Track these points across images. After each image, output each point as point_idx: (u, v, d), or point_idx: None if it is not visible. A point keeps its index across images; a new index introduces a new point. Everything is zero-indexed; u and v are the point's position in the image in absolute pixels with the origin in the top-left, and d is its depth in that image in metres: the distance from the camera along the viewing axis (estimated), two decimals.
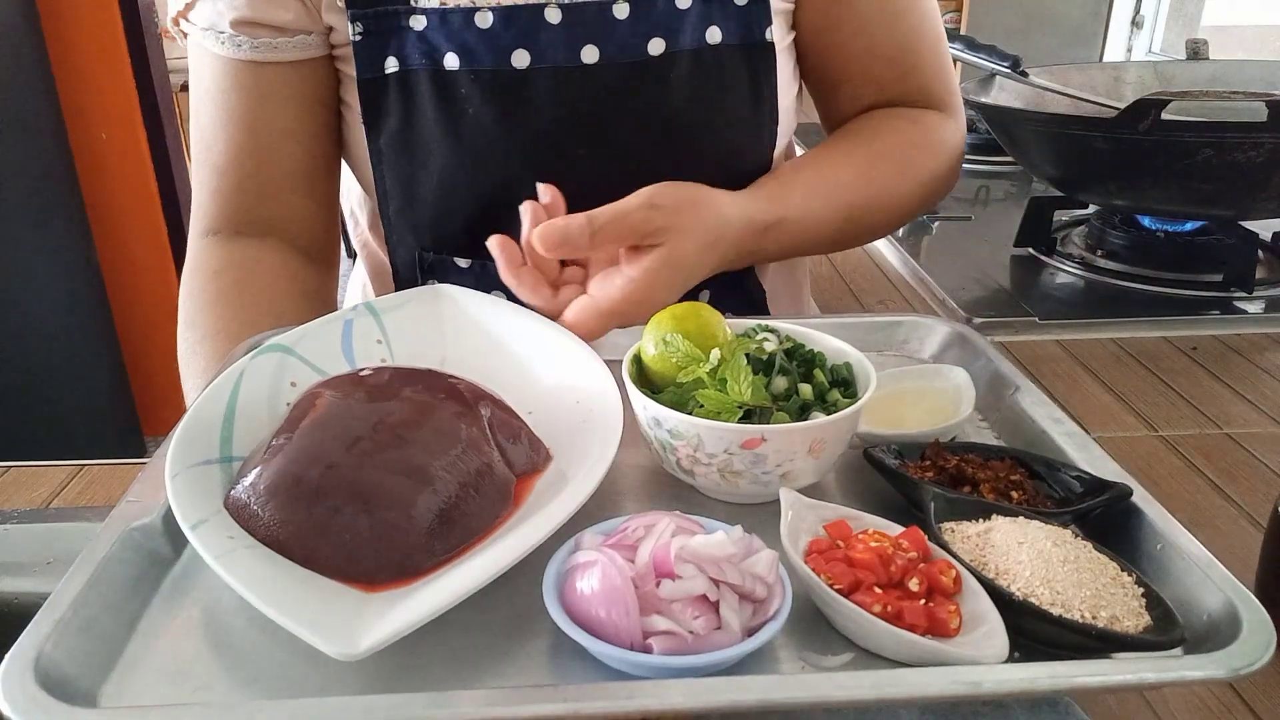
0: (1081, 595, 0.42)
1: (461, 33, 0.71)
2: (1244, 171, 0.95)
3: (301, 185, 0.80)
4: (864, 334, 0.71)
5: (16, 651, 0.39)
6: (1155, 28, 2.67)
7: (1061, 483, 0.53)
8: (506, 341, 0.63)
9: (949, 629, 0.42)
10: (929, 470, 0.53)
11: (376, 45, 0.72)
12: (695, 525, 0.46)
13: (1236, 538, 0.63)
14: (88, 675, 0.41)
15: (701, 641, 0.40)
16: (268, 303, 0.75)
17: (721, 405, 0.52)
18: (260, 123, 0.76)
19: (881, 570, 0.43)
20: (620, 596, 0.41)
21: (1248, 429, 0.78)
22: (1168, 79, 1.31)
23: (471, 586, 0.42)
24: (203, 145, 0.78)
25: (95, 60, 2.07)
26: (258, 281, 0.76)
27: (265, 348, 0.58)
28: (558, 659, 0.43)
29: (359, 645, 0.39)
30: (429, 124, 0.73)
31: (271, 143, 0.77)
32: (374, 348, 0.62)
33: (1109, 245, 1.13)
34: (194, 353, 0.74)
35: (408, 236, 0.78)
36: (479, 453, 0.50)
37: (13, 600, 0.68)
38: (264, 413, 0.55)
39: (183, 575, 0.48)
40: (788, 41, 0.80)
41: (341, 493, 0.46)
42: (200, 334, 0.74)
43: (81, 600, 0.42)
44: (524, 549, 0.44)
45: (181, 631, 0.44)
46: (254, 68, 0.75)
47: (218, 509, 0.47)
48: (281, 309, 0.75)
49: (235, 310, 0.75)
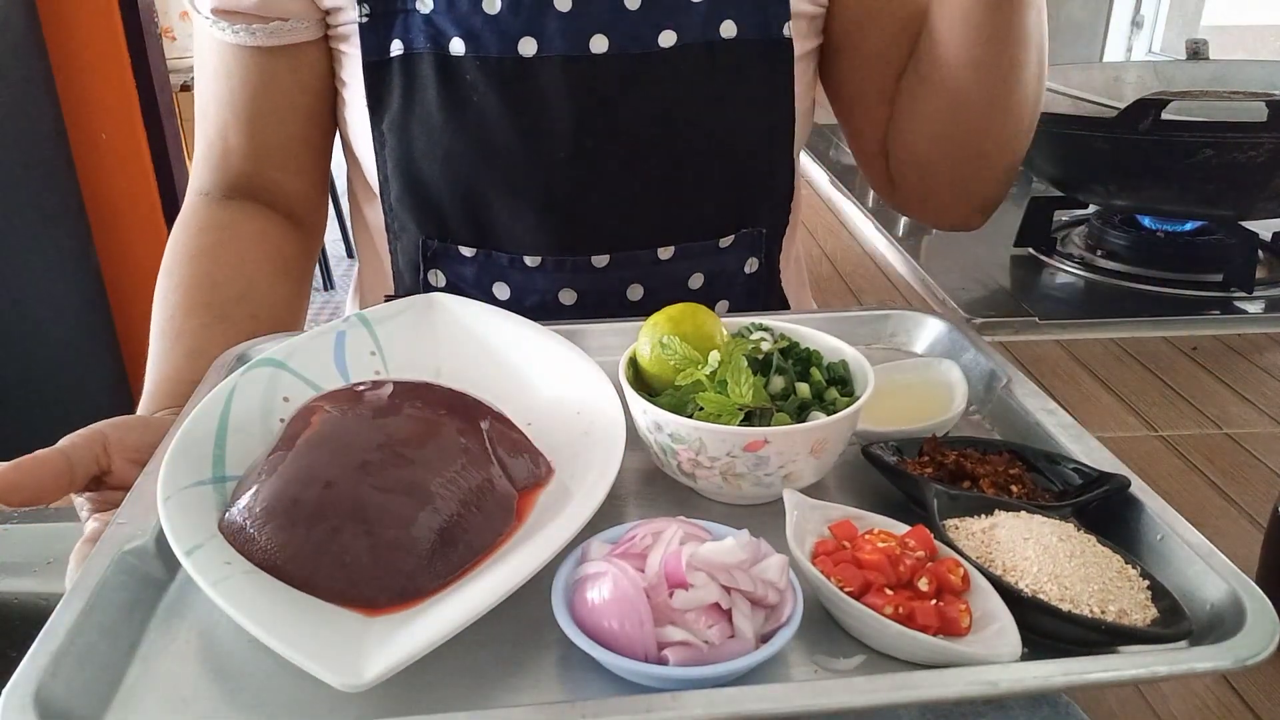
0: (1089, 590, 0.42)
1: (469, 18, 0.70)
2: (1244, 171, 0.95)
3: (290, 163, 0.82)
4: (853, 328, 0.71)
5: (16, 683, 0.38)
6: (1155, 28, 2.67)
7: (1060, 475, 0.53)
8: (503, 351, 0.62)
9: (960, 628, 0.42)
10: (928, 466, 0.53)
11: (382, 28, 0.72)
12: (702, 531, 0.45)
13: (1236, 538, 0.63)
14: (89, 706, 0.40)
15: (716, 651, 0.40)
16: (239, 266, 0.78)
17: (722, 408, 0.51)
18: (247, 104, 0.78)
19: (891, 571, 0.43)
20: (633, 608, 0.40)
21: (1248, 429, 0.78)
22: (1168, 79, 1.31)
23: (477, 611, 0.41)
24: (200, 111, 0.81)
25: (95, 60, 2.06)
26: (235, 245, 0.79)
27: (256, 362, 0.57)
28: (568, 672, 0.42)
29: (364, 675, 0.38)
30: (433, 109, 0.72)
31: (258, 123, 0.79)
32: (367, 360, 0.61)
33: (1109, 245, 1.14)
34: (165, 300, 0.76)
35: (410, 224, 0.78)
36: (480, 468, 0.49)
37: (13, 600, 0.68)
38: (257, 429, 0.54)
39: (179, 598, 0.47)
40: (810, 46, 0.79)
41: (340, 513, 0.45)
42: (173, 283, 0.77)
43: (78, 628, 0.41)
44: (529, 570, 0.43)
45: (181, 657, 0.43)
46: (240, 51, 0.76)
47: (212, 533, 0.46)
48: (251, 274, 0.78)
49: (209, 268, 0.77)
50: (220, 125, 0.79)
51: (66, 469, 0.53)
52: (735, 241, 0.79)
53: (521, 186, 0.74)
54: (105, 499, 0.55)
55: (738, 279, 0.81)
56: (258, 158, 0.80)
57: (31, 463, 0.52)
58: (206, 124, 0.80)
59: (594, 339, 0.67)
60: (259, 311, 0.76)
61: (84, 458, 0.54)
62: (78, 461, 0.54)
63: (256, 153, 0.80)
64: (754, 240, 0.80)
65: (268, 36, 0.75)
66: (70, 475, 0.53)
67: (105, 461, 0.55)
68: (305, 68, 0.77)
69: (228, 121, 0.79)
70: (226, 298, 0.75)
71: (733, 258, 0.80)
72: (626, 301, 0.78)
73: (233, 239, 0.79)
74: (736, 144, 0.75)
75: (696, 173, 0.75)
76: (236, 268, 0.78)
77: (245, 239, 0.80)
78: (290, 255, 0.82)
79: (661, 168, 0.74)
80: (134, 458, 0.56)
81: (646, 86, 0.72)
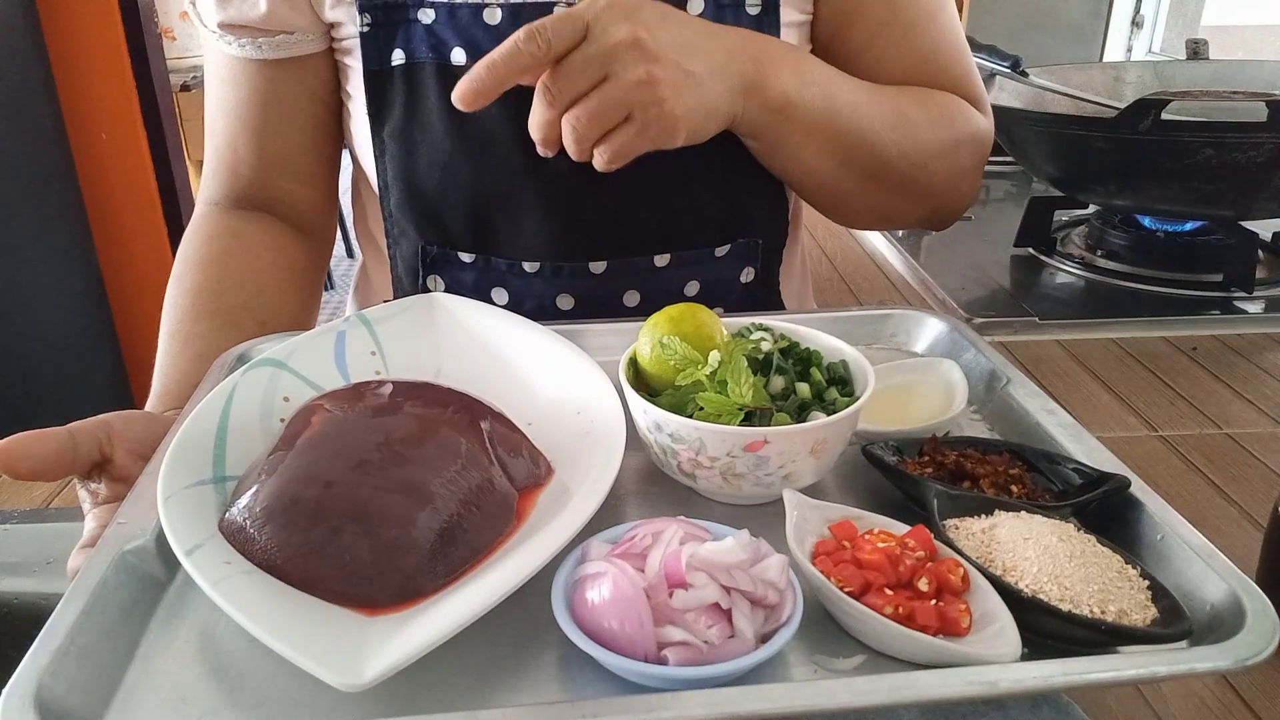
0: (1089, 590, 0.42)
1: (469, 28, 0.71)
2: (1244, 171, 0.95)
3: (299, 172, 0.83)
4: (853, 327, 0.71)
5: (15, 684, 0.38)
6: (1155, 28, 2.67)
7: (1060, 475, 0.53)
8: (503, 351, 0.62)
9: (960, 628, 0.42)
10: (928, 466, 0.53)
11: (383, 37, 0.73)
12: (702, 531, 0.45)
13: (1236, 538, 0.63)
14: (88, 706, 0.40)
15: (716, 651, 0.40)
16: (249, 273, 0.79)
17: (722, 408, 0.51)
18: (254, 115, 0.79)
19: (891, 571, 0.43)
20: (633, 608, 0.40)
21: (1248, 429, 0.78)
22: (1168, 79, 1.31)
23: (476, 611, 0.41)
24: (209, 123, 0.82)
25: (95, 60, 2.06)
26: (245, 253, 0.80)
27: (256, 362, 0.57)
28: (568, 671, 0.42)
29: (364, 675, 0.38)
30: (433, 117, 0.73)
31: (266, 133, 0.80)
32: (368, 360, 0.61)
33: (1109, 245, 1.14)
34: (175, 304, 0.77)
35: (410, 230, 0.78)
36: (480, 468, 0.49)
37: (13, 600, 0.68)
38: (257, 429, 0.54)
39: (179, 598, 0.47)
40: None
41: (340, 513, 0.45)
42: (183, 289, 0.77)
43: (78, 628, 0.41)
44: (528, 570, 0.43)
45: (181, 656, 0.43)
46: (246, 64, 0.77)
47: (212, 533, 0.46)
48: (261, 283, 0.79)
49: (218, 275, 0.78)
50: (229, 136, 0.80)
51: (70, 447, 0.53)
52: (731, 251, 0.79)
53: (520, 193, 0.74)
54: (106, 493, 0.56)
55: (733, 288, 0.81)
56: (266, 167, 0.81)
57: (36, 436, 0.53)
58: (215, 135, 0.81)
59: (594, 339, 0.67)
60: (268, 318, 0.76)
61: (88, 440, 0.55)
62: (81, 442, 0.54)
63: (265, 162, 0.81)
64: (749, 250, 0.80)
65: (273, 49, 0.75)
66: (74, 454, 0.54)
67: (109, 449, 0.55)
68: (311, 79, 0.78)
69: (236, 132, 0.80)
70: (236, 304, 0.76)
71: (728, 266, 0.80)
72: (623, 307, 0.79)
73: (243, 248, 0.80)
74: (732, 154, 0.75)
75: (692, 182, 0.75)
76: (246, 275, 0.78)
77: (256, 248, 0.80)
78: (300, 265, 0.83)
79: (657, 177, 0.74)
80: (137, 450, 0.56)
81: None
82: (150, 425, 0.59)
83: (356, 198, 0.90)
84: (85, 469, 0.55)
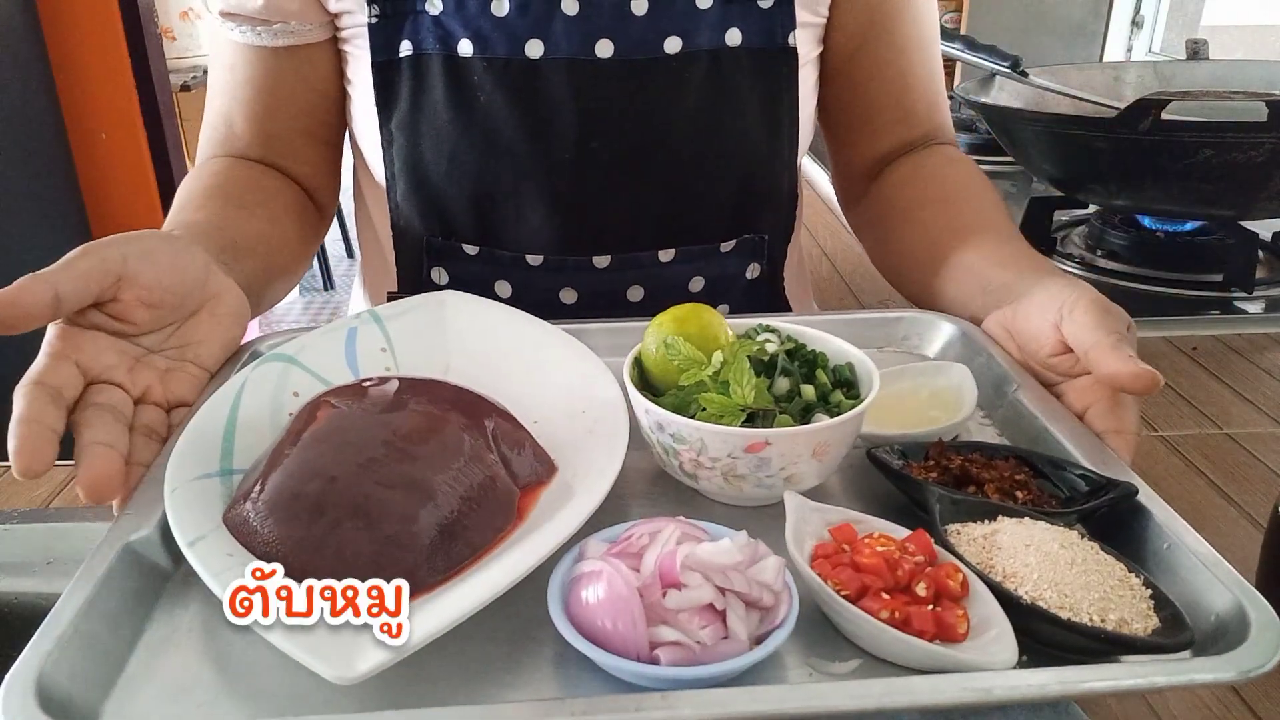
0: (1089, 598, 0.42)
1: (477, 19, 0.71)
2: (1244, 171, 0.95)
3: (296, 154, 0.82)
4: (864, 330, 0.70)
5: (17, 671, 0.39)
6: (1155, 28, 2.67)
7: (1066, 482, 0.52)
8: (513, 349, 0.62)
9: (957, 634, 0.41)
10: (933, 471, 0.53)
11: (392, 28, 0.73)
12: (700, 531, 0.45)
13: (1236, 538, 0.63)
14: (89, 694, 0.40)
15: (709, 651, 0.40)
16: (257, 191, 0.76)
17: (724, 408, 0.51)
18: (253, 99, 0.79)
19: (888, 575, 0.43)
20: (626, 607, 0.40)
21: (1248, 429, 0.78)
22: (1168, 79, 1.31)
23: (473, 606, 0.41)
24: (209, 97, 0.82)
25: (95, 60, 2.07)
26: (251, 175, 0.78)
27: (267, 357, 0.58)
28: (563, 669, 0.42)
29: (356, 668, 0.38)
30: (440, 109, 0.73)
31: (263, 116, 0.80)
32: (378, 356, 0.61)
33: (1109, 245, 1.13)
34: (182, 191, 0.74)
35: (415, 221, 0.78)
36: (482, 465, 0.49)
37: (13, 600, 0.68)
38: (266, 424, 0.54)
39: (182, 589, 0.47)
40: (813, 55, 0.80)
41: (341, 507, 0.45)
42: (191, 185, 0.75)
43: (82, 617, 0.42)
44: (526, 567, 0.43)
45: (182, 647, 0.44)
46: (247, 49, 0.77)
47: (216, 524, 0.47)
48: (268, 199, 0.76)
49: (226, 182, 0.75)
50: (226, 113, 0.80)
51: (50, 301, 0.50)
52: (737, 246, 0.79)
53: (525, 186, 0.74)
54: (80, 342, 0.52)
55: (738, 283, 0.81)
56: (263, 146, 0.81)
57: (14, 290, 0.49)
58: (213, 111, 0.81)
59: (600, 338, 0.67)
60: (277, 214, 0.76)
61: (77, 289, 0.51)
62: (66, 295, 0.50)
63: (262, 142, 0.81)
64: (755, 246, 0.80)
65: (274, 37, 0.76)
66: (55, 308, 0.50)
67: (112, 293, 0.52)
68: (311, 67, 0.78)
69: (233, 110, 0.80)
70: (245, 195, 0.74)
71: (734, 262, 0.80)
72: (627, 302, 0.79)
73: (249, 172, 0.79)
74: (739, 150, 0.75)
75: (699, 178, 0.75)
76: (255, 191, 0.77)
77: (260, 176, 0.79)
78: (303, 208, 0.82)
79: (664, 172, 0.74)
80: (147, 298, 0.53)
81: (650, 91, 0.73)
82: (172, 269, 0.55)
83: (357, 190, 0.90)
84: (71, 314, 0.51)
